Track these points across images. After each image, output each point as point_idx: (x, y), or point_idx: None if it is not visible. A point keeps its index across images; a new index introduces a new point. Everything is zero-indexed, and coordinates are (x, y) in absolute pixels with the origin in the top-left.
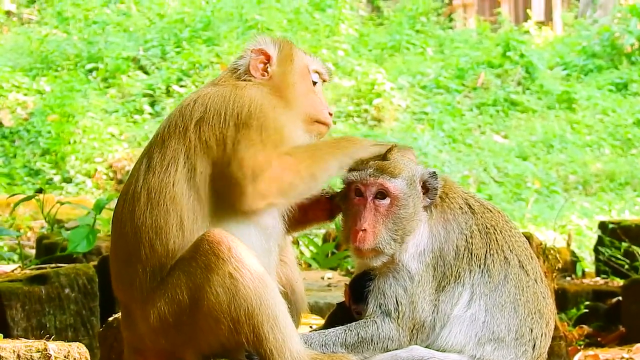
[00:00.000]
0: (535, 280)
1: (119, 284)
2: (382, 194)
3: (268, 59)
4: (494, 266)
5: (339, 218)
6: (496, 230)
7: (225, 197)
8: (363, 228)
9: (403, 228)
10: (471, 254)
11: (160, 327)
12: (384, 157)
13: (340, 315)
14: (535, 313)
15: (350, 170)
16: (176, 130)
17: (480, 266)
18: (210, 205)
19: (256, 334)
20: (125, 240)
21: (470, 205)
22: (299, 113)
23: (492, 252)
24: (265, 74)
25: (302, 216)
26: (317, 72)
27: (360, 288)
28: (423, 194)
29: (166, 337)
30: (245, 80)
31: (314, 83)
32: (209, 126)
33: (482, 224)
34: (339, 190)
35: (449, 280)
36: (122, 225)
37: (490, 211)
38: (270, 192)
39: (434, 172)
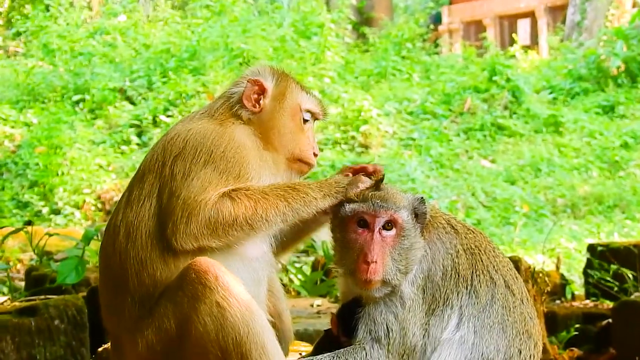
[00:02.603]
0: (522, 301)
1: (108, 314)
2: (390, 225)
3: (263, 90)
4: (480, 287)
5: (329, 247)
6: (480, 251)
7: (163, 229)
8: (374, 260)
9: (407, 258)
10: (458, 275)
11: (148, 356)
12: (377, 187)
13: (327, 342)
14: (523, 334)
15: (351, 201)
16: (156, 164)
17: (467, 287)
18: None
19: None
20: (112, 271)
21: (452, 226)
22: (283, 151)
23: (478, 272)
24: (257, 105)
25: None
26: (309, 111)
27: (349, 317)
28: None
29: None
30: (237, 111)
31: (305, 121)
32: (182, 160)
33: (466, 244)
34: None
35: (438, 303)
36: (107, 257)
37: (473, 232)
38: (202, 234)
39: (422, 197)
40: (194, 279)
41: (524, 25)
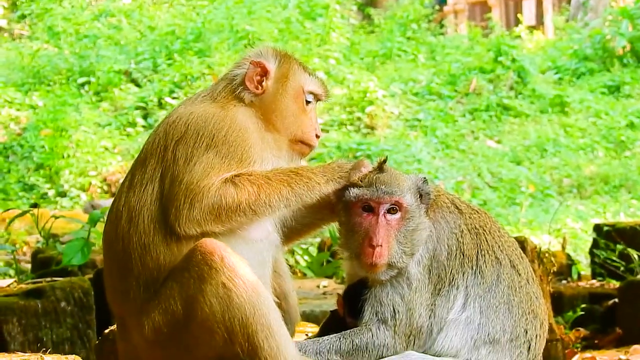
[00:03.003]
0: (527, 281)
1: (113, 297)
2: (394, 208)
3: (265, 72)
4: (486, 267)
5: (336, 230)
6: (485, 231)
7: (165, 214)
8: (380, 244)
9: (412, 240)
10: (463, 254)
11: (155, 338)
12: (380, 169)
13: (334, 323)
14: (529, 313)
15: (355, 186)
16: (158, 148)
17: (472, 267)
18: None
19: (251, 343)
20: (116, 255)
21: (456, 206)
22: (285, 133)
23: (483, 252)
24: (260, 87)
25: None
26: (312, 92)
27: (355, 298)
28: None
29: (161, 348)
30: (239, 93)
31: (308, 102)
32: (184, 144)
33: (470, 224)
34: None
35: (444, 283)
36: (110, 241)
37: (477, 212)
38: (205, 219)
39: (425, 177)
40: (199, 260)
41: (529, 5)
